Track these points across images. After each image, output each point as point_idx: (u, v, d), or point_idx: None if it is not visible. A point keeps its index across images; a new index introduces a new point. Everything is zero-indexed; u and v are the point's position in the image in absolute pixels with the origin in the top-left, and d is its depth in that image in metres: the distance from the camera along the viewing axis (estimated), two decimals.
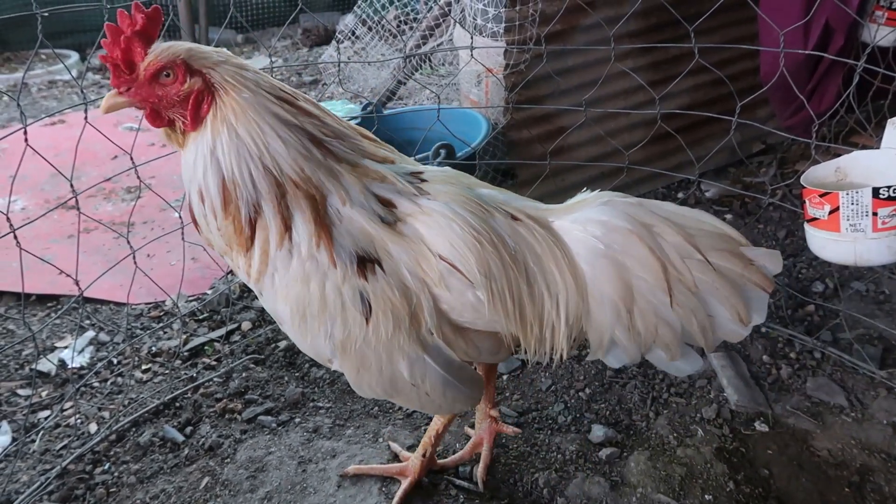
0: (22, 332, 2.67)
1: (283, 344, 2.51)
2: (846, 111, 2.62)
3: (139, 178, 2.15)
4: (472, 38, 2.55)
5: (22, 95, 5.44)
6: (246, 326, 2.64)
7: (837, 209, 1.78)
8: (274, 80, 1.40)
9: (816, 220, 1.84)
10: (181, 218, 2.30)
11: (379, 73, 4.66)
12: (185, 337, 2.58)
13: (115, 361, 2.50)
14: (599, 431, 2.03)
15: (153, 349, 2.54)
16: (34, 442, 2.11)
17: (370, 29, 4.76)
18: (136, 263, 2.14)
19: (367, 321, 1.39)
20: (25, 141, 1.73)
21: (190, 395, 2.29)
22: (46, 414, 2.26)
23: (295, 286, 1.39)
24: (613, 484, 1.87)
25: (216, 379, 2.36)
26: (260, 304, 2.74)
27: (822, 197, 1.81)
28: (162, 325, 2.70)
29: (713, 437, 2.01)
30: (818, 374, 2.23)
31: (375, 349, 1.42)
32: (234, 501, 1.87)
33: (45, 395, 2.36)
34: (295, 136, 1.35)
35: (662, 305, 1.42)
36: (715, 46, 2.41)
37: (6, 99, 5.36)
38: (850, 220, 1.77)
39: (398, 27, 4.83)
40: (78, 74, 5.12)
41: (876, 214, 1.74)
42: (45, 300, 2.90)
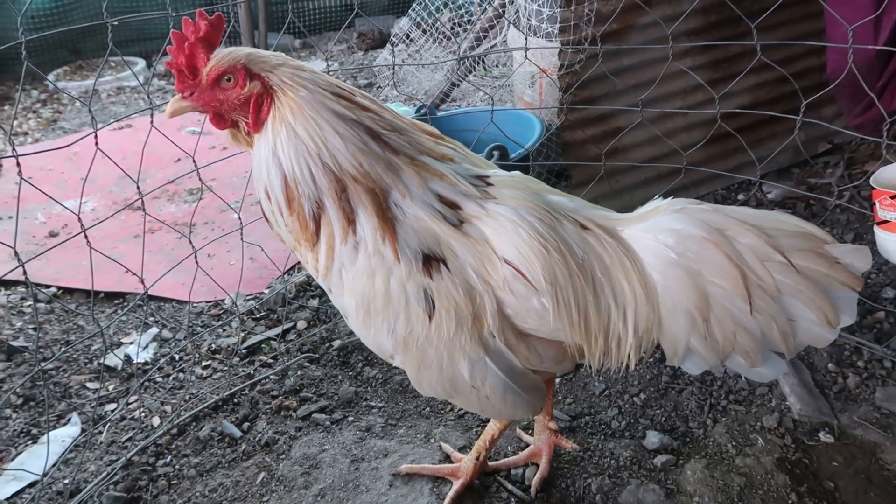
0: (91, 327, 2.80)
1: (336, 343, 2.55)
2: None
3: (201, 180, 2.22)
4: (526, 38, 2.54)
5: (92, 101, 5.70)
6: (301, 325, 2.70)
7: None
8: (331, 77, 1.42)
9: (887, 222, 1.77)
10: (240, 219, 2.37)
11: (433, 75, 4.69)
12: (242, 335, 2.65)
13: (176, 357, 2.59)
14: (654, 438, 1.99)
15: (213, 346, 2.62)
16: (101, 433, 2.20)
17: (424, 32, 4.79)
18: (197, 263, 2.21)
19: (429, 319, 1.40)
20: (96, 145, 1.81)
21: (247, 391, 2.35)
22: (113, 407, 2.35)
23: (360, 280, 1.40)
24: (669, 492, 1.83)
25: (272, 376, 2.41)
26: (315, 304, 2.81)
27: (893, 199, 1.74)
28: (221, 322, 2.79)
29: (774, 446, 1.94)
30: (888, 383, 2.14)
31: (437, 347, 1.42)
32: (288, 497, 1.90)
33: (111, 388, 2.46)
34: (352, 130, 1.36)
35: (741, 312, 1.37)
36: (778, 43, 2.33)
37: (78, 104, 5.63)
38: None
39: (452, 29, 4.85)
40: (144, 80, 5.33)
41: None
42: (112, 297, 3.02)
